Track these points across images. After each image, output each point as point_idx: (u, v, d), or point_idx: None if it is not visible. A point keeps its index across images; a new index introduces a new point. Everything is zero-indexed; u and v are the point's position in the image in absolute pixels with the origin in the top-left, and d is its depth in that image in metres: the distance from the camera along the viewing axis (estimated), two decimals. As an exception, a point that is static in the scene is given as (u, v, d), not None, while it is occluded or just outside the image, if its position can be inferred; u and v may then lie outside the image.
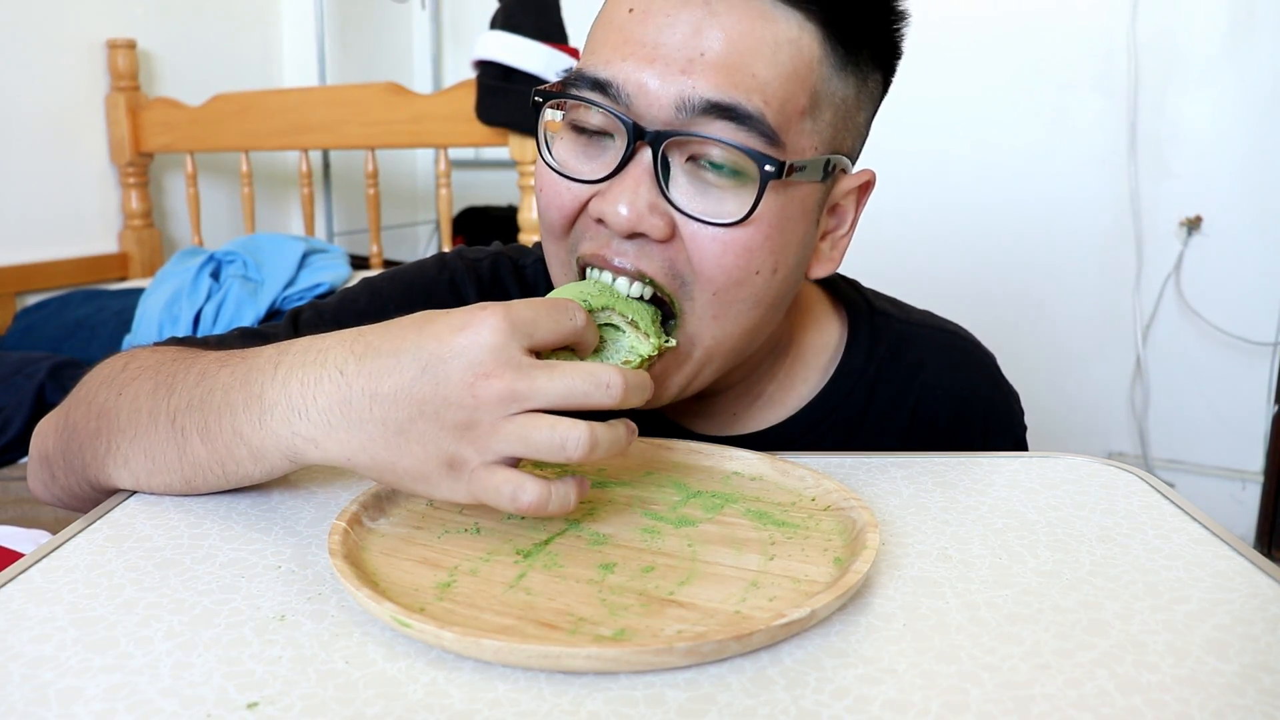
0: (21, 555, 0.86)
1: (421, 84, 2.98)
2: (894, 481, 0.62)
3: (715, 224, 0.55)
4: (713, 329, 0.59)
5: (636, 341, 0.55)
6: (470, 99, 1.90)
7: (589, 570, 0.48)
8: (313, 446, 0.49)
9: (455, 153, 2.23)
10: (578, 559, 0.49)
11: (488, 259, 0.76)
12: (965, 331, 0.80)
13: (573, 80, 0.57)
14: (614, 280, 0.58)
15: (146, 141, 2.24)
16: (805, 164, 0.56)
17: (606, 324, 0.56)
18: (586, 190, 0.58)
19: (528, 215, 1.89)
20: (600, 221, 0.57)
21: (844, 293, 0.77)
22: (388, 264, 2.35)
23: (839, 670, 0.39)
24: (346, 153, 2.65)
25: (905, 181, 2.38)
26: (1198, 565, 0.50)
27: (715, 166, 0.55)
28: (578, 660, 0.38)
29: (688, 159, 0.56)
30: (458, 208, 2.71)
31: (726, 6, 0.54)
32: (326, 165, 2.67)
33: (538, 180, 0.61)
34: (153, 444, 0.55)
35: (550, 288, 0.74)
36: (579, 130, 0.59)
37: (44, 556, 0.49)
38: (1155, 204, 2.32)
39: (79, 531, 0.52)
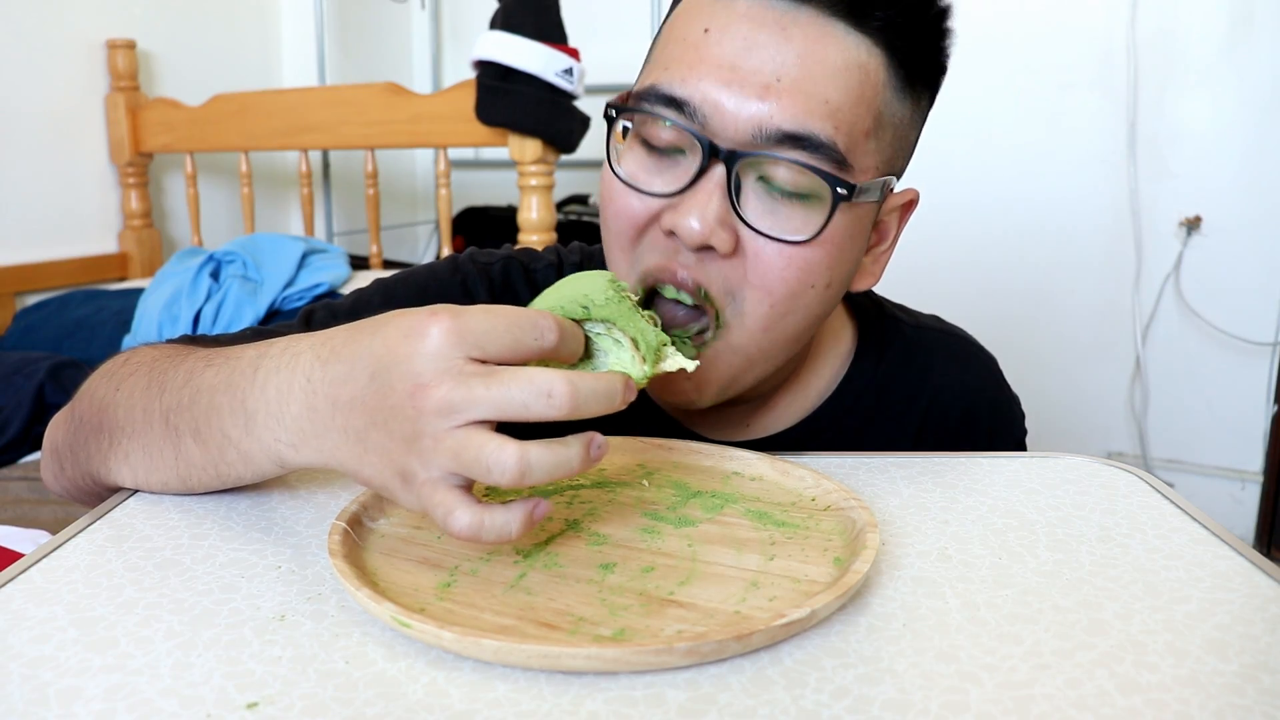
0: (21, 555, 0.86)
1: (421, 84, 2.98)
2: (894, 481, 0.62)
3: (785, 241, 0.57)
4: (761, 340, 0.60)
5: (631, 364, 0.50)
6: (470, 99, 1.90)
7: (589, 570, 0.48)
8: (294, 452, 0.49)
9: (455, 153, 2.23)
10: (578, 559, 0.49)
11: (499, 262, 0.77)
12: (970, 336, 0.81)
13: (646, 95, 0.58)
14: (676, 292, 0.59)
15: (146, 141, 2.24)
16: (869, 185, 0.58)
17: (606, 335, 0.51)
18: (657, 203, 0.59)
19: (527, 215, 1.89)
20: (671, 234, 0.58)
21: (853, 298, 0.78)
22: (387, 264, 2.35)
23: (839, 670, 0.39)
24: (346, 153, 2.65)
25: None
26: (1197, 565, 0.50)
27: (785, 188, 0.57)
28: (578, 660, 0.38)
29: (758, 177, 0.57)
30: (457, 208, 2.71)
31: (801, 31, 0.55)
32: (326, 165, 2.67)
33: (605, 191, 0.62)
34: (150, 443, 0.55)
35: None
36: (648, 144, 0.59)
37: (44, 556, 0.49)
38: (1155, 204, 2.32)
39: (79, 531, 0.52)
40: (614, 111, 0.60)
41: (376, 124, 2.04)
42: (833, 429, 0.73)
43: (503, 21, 1.85)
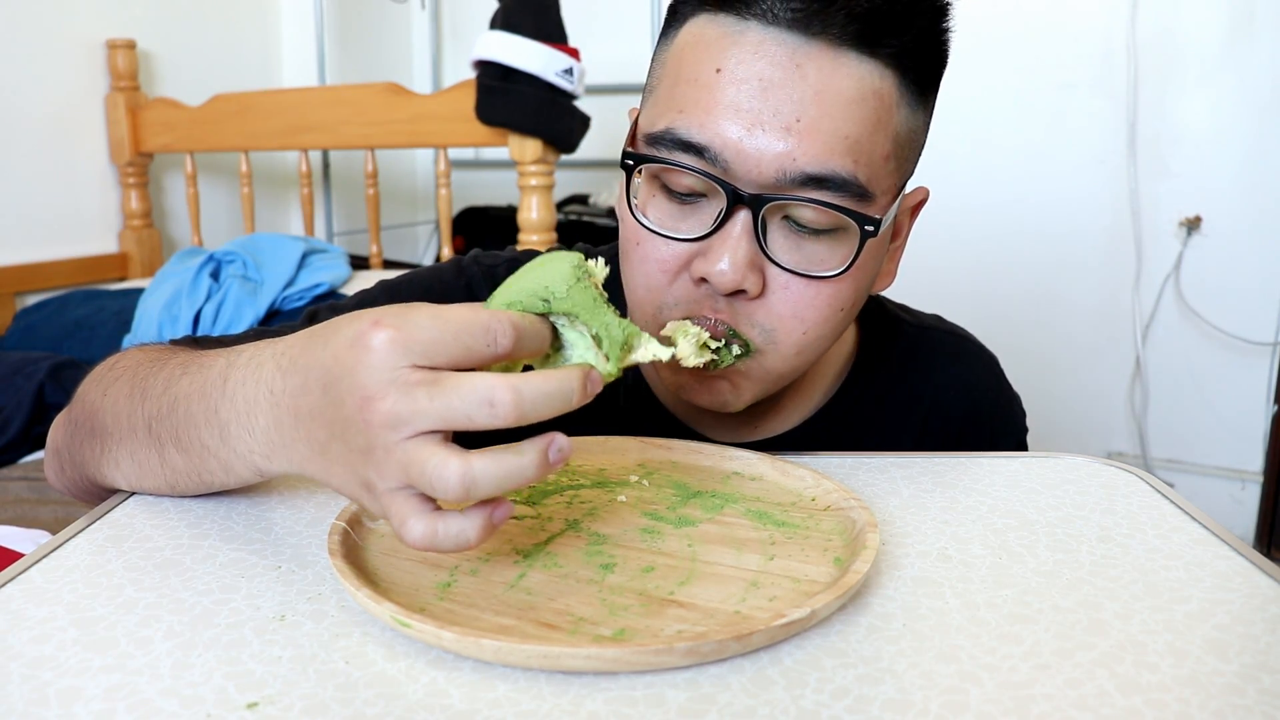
0: (21, 555, 0.86)
1: (421, 84, 2.97)
2: (894, 481, 0.62)
3: (815, 276, 0.57)
4: (795, 362, 0.61)
5: (595, 360, 0.46)
6: (470, 99, 1.90)
7: (589, 570, 0.48)
8: (267, 462, 0.48)
9: (455, 153, 2.23)
10: (577, 559, 0.49)
11: (504, 265, 0.76)
12: (971, 335, 0.82)
13: (663, 140, 0.57)
14: (703, 329, 0.58)
15: (146, 141, 2.24)
16: (892, 212, 0.59)
17: (570, 327, 0.47)
18: (684, 249, 0.58)
19: (527, 215, 1.89)
20: (702, 281, 0.58)
21: None
22: (387, 264, 2.35)
23: (839, 670, 0.39)
24: (346, 153, 2.65)
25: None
26: (1197, 565, 0.50)
27: (811, 226, 0.57)
28: (578, 660, 0.38)
29: (783, 217, 0.57)
30: (457, 208, 2.71)
31: (815, 66, 0.54)
32: (326, 165, 2.67)
33: (629, 236, 0.61)
34: (136, 449, 0.55)
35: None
36: (668, 189, 0.59)
37: (44, 556, 0.49)
38: (1155, 204, 2.32)
39: (79, 531, 0.52)
40: (632, 161, 0.60)
41: (376, 124, 2.04)
42: (836, 429, 0.73)
43: (503, 21, 1.85)
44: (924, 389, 0.75)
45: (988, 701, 0.37)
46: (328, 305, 0.76)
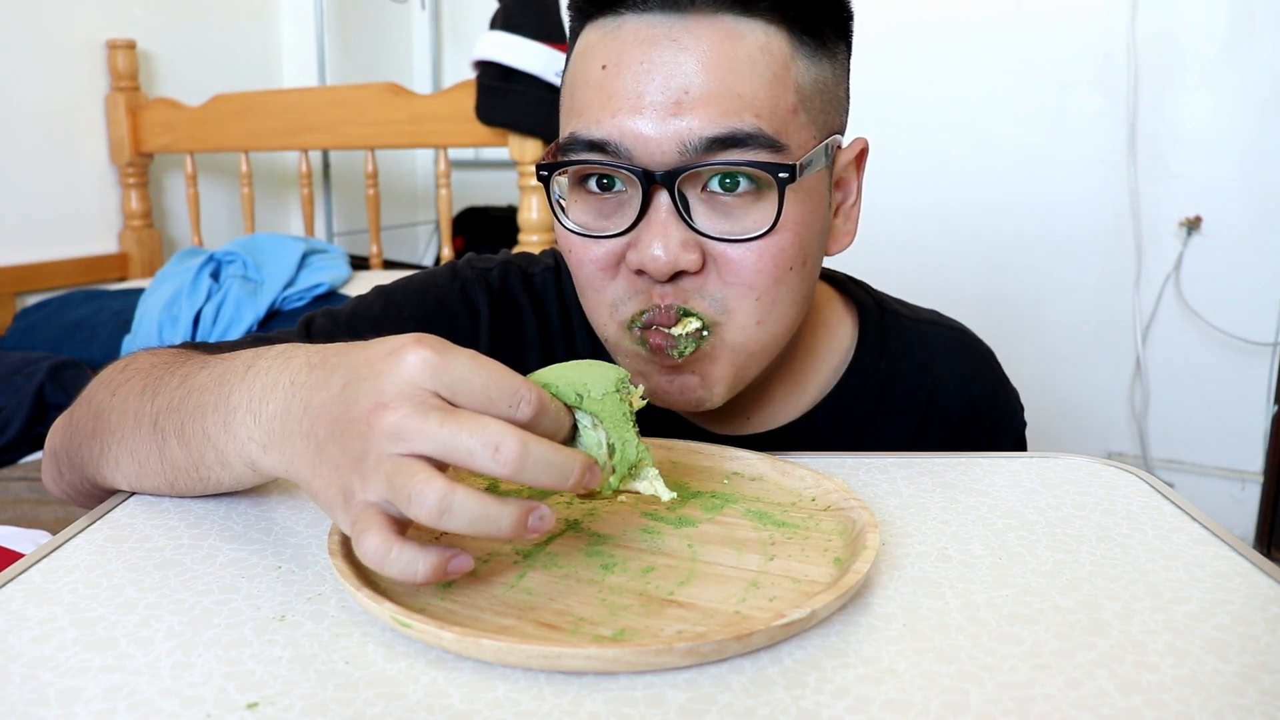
0: (21, 555, 0.86)
1: (421, 84, 2.98)
2: (894, 481, 0.62)
3: (747, 239, 0.57)
4: (758, 334, 0.61)
5: (602, 466, 0.47)
6: (470, 99, 1.90)
7: (589, 570, 0.48)
8: (261, 452, 0.48)
9: (455, 153, 2.23)
10: (577, 559, 0.49)
11: (497, 268, 0.77)
12: (968, 329, 0.82)
13: (569, 145, 0.59)
14: (671, 326, 0.59)
15: (146, 142, 2.24)
16: (810, 157, 0.59)
17: (592, 430, 0.47)
18: (617, 244, 0.59)
19: (528, 215, 1.89)
20: (640, 272, 0.59)
21: (854, 293, 0.78)
22: (387, 264, 2.35)
23: (839, 670, 0.39)
24: (346, 153, 2.65)
25: (906, 181, 2.38)
26: (1198, 565, 0.50)
27: (730, 188, 0.57)
28: (577, 660, 0.38)
29: (701, 188, 0.58)
30: (458, 208, 2.71)
31: (694, 38, 0.55)
32: (326, 165, 2.67)
33: (563, 244, 0.63)
34: (137, 446, 0.55)
35: (564, 306, 0.75)
36: (589, 191, 0.60)
37: (44, 557, 0.49)
38: (1155, 204, 2.32)
39: (79, 532, 0.53)
40: (545, 172, 0.61)
41: (376, 124, 2.04)
42: (835, 423, 0.73)
43: (503, 21, 1.85)
44: (923, 382, 0.75)
45: (988, 702, 0.37)
46: (324, 311, 0.76)
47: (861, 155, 0.66)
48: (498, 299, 0.75)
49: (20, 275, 2.07)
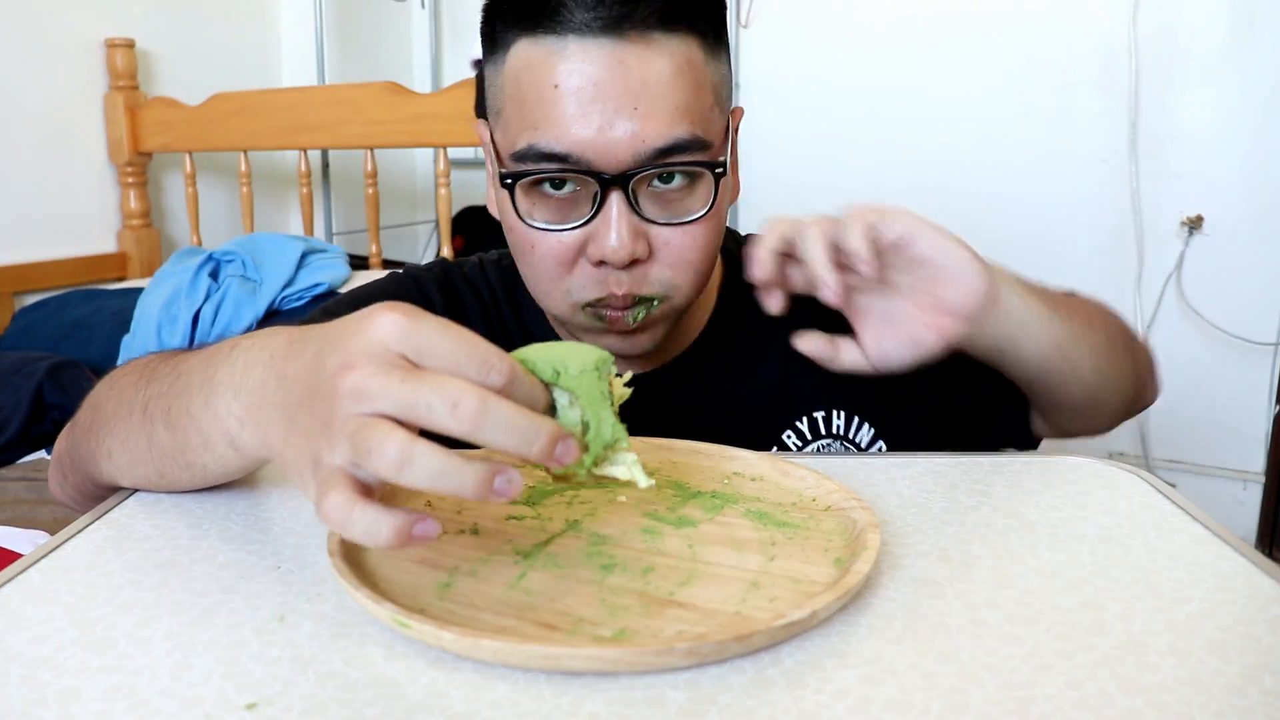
0: (19, 555, 0.86)
1: (421, 84, 2.97)
2: (894, 481, 0.62)
3: (688, 222, 0.67)
4: (693, 296, 0.71)
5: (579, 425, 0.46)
6: (470, 98, 1.89)
7: (589, 571, 0.48)
8: (239, 427, 0.48)
9: (455, 152, 2.22)
10: (577, 560, 0.49)
11: (436, 265, 0.85)
12: None
13: (529, 155, 0.65)
14: (622, 315, 0.68)
15: (145, 141, 2.23)
16: (727, 145, 0.69)
17: (569, 409, 0.46)
18: (574, 238, 0.67)
19: (527, 215, 1.89)
20: (600, 263, 0.66)
21: None
22: (387, 264, 2.35)
23: (839, 671, 0.39)
24: (345, 152, 2.65)
25: (906, 181, 2.38)
26: (1199, 566, 0.50)
27: (668, 181, 0.66)
28: (577, 661, 0.38)
29: (648, 185, 0.66)
30: (457, 207, 2.70)
31: (635, 59, 0.63)
32: (325, 165, 2.67)
33: (523, 240, 0.69)
34: (128, 434, 0.55)
35: (494, 294, 0.83)
36: (544, 193, 0.67)
37: (43, 557, 0.49)
38: (1156, 204, 2.32)
39: (78, 532, 0.52)
40: (511, 180, 0.66)
41: (376, 124, 2.04)
42: (726, 340, 0.80)
43: (503, 21, 1.85)
44: None
45: (989, 702, 0.37)
46: (321, 309, 0.78)
47: (739, 120, 0.75)
48: (444, 287, 0.83)
49: (19, 275, 2.07)
